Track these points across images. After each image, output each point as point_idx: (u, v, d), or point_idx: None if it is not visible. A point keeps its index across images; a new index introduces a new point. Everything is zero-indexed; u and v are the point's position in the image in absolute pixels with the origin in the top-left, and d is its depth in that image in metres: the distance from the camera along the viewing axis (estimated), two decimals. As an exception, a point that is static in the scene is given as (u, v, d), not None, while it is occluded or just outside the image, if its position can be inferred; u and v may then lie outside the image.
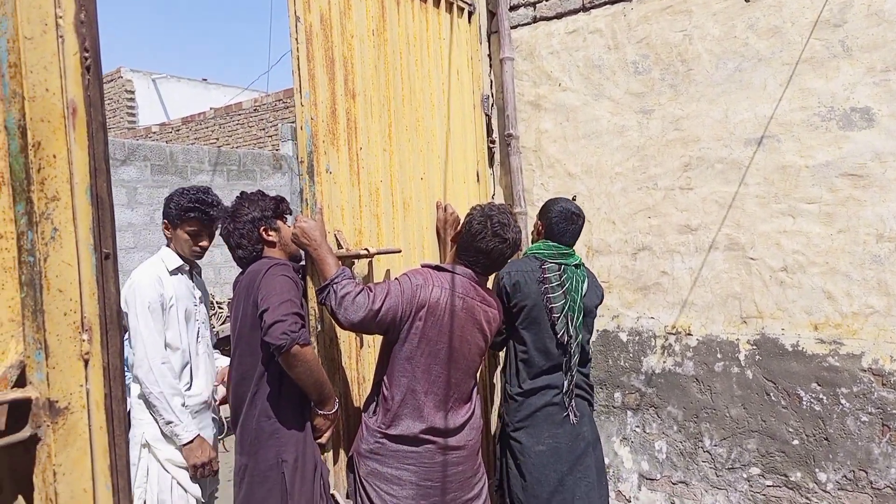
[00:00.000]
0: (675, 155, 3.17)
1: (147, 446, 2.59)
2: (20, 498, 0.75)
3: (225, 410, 2.76)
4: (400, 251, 2.74)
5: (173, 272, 2.75)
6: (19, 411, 0.67)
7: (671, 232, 3.20)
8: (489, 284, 2.64)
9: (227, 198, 2.72)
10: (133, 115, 15.98)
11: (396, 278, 2.32)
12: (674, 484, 3.20)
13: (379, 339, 2.64)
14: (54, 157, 0.64)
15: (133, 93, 16.02)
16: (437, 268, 2.39)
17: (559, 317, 2.65)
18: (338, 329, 2.49)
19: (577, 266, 2.77)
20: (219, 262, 9.35)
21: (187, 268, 2.84)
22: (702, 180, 3.09)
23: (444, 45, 3.28)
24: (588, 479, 2.70)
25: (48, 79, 0.65)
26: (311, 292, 2.40)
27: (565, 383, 2.70)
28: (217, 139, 13.16)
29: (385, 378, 2.28)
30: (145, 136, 14.41)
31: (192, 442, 2.57)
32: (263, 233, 2.51)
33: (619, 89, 3.33)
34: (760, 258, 2.95)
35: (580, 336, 2.71)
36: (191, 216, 2.72)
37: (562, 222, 2.76)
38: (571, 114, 3.48)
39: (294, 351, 2.10)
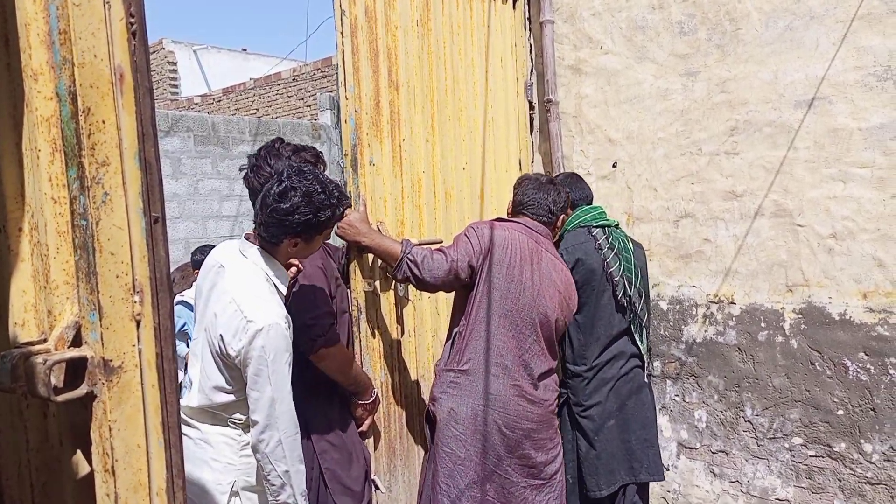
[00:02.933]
0: (720, 119, 3.08)
1: (237, 495, 2.01)
2: (79, 452, 0.79)
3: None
4: (441, 241, 2.73)
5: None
6: (76, 369, 0.70)
7: (715, 198, 3.12)
8: None
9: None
10: (175, 86, 16.20)
11: (461, 233, 2.37)
12: (713, 453, 3.18)
13: (421, 327, 2.67)
14: (103, 122, 0.66)
15: (175, 64, 16.21)
16: (500, 219, 2.44)
17: (619, 280, 2.63)
18: (381, 321, 2.52)
19: (616, 227, 2.76)
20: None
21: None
22: (748, 145, 3.01)
23: (487, 33, 3.23)
24: (654, 447, 2.71)
25: (96, 45, 0.66)
26: (357, 283, 2.42)
27: (641, 347, 2.69)
28: (257, 109, 13.27)
29: (462, 320, 2.30)
30: (187, 108, 14.62)
31: None
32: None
33: (662, 51, 3.24)
34: (808, 225, 2.87)
35: (644, 296, 2.70)
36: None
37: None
38: (613, 78, 3.40)
39: (322, 356, 2.09)
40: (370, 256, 2.47)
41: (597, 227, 2.70)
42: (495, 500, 2.22)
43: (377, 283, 2.50)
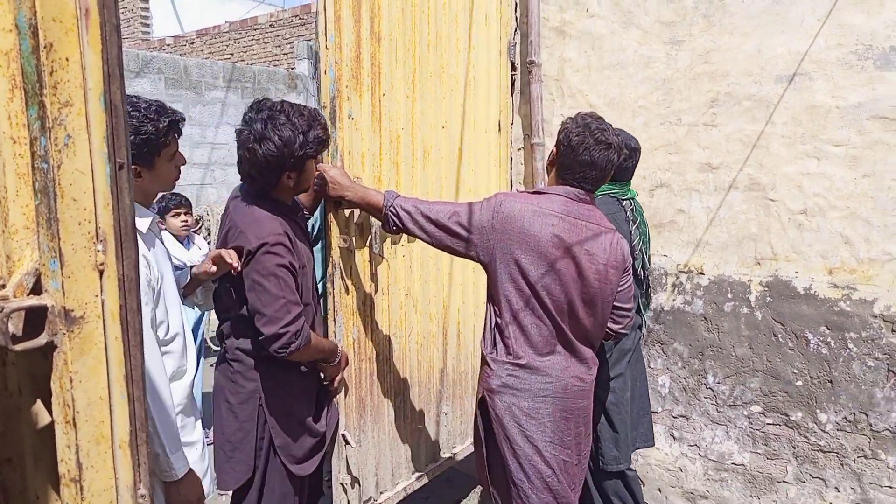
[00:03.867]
0: (702, 90, 3.07)
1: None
2: (39, 402, 0.77)
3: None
4: None
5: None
6: (36, 318, 0.67)
7: (691, 170, 3.14)
8: None
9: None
10: (147, 25, 15.64)
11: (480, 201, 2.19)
12: (674, 417, 3.26)
13: (395, 286, 2.65)
14: (67, 60, 0.62)
15: (147, 2, 15.62)
16: (535, 192, 2.17)
17: (638, 254, 2.60)
18: (355, 278, 2.49)
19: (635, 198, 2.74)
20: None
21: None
22: (727, 117, 3.01)
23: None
24: (648, 415, 2.74)
25: (59, -24, 0.61)
26: (332, 239, 2.38)
27: (646, 318, 2.68)
28: (232, 54, 12.90)
29: (503, 313, 2.12)
30: (159, 49, 14.16)
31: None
32: (286, 178, 2.11)
33: (648, 17, 3.20)
34: (780, 200, 2.90)
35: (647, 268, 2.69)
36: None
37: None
38: (597, 42, 3.36)
39: (294, 356, 2.06)
40: (346, 212, 2.44)
41: (626, 199, 2.65)
42: (566, 485, 2.17)
43: (353, 240, 2.47)
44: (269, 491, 2.19)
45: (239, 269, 2.03)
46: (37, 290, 0.70)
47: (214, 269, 2.09)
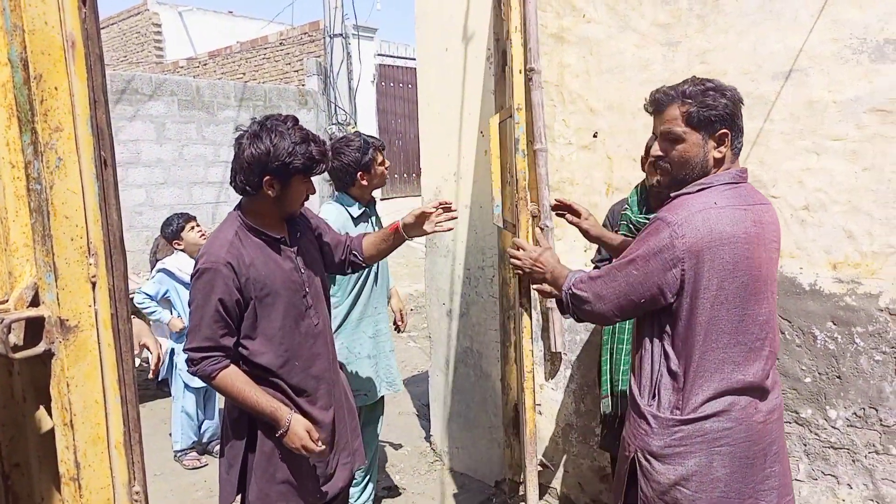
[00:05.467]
0: (699, 90, 3.09)
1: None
2: (42, 409, 0.82)
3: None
4: None
5: None
6: (36, 328, 0.72)
7: (693, 169, 3.15)
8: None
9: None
10: (160, 48, 15.94)
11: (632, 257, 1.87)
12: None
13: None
14: (56, 89, 0.68)
15: (160, 26, 15.92)
16: (679, 193, 1.91)
17: None
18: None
19: None
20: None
21: None
22: (726, 116, 3.02)
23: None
24: None
25: (46, 12, 0.67)
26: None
27: None
28: (244, 74, 13.10)
29: (666, 348, 1.85)
30: (173, 71, 14.40)
31: None
32: (267, 186, 2.12)
33: (644, 20, 3.23)
34: (782, 196, 2.91)
35: None
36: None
37: None
38: (595, 47, 3.40)
39: (213, 386, 2.14)
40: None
41: None
42: None
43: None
44: None
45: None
46: (36, 302, 0.75)
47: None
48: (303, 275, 2.27)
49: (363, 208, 3.25)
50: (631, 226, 2.58)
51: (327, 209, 3.21)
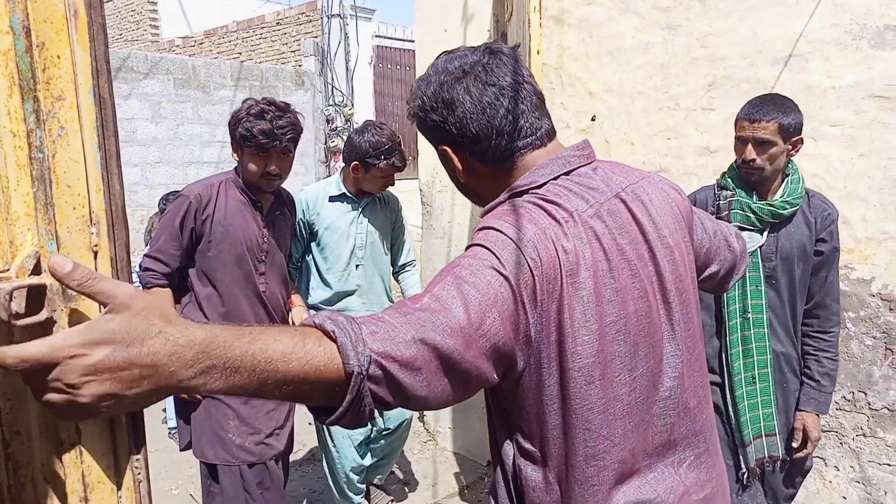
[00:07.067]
0: (699, 73, 3.09)
1: None
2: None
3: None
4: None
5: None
6: (38, 296, 0.73)
7: (690, 154, 3.16)
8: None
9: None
10: (156, 27, 15.77)
11: (452, 272, 1.00)
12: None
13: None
14: (58, 57, 0.68)
15: (155, 3, 15.74)
16: (515, 194, 1.13)
17: None
18: None
19: None
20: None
21: None
22: (725, 100, 3.03)
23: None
24: None
25: (48, -21, 0.67)
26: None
27: None
28: (240, 53, 12.99)
29: (527, 444, 1.11)
30: (169, 49, 14.27)
31: None
32: (232, 148, 2.62)
33: (645, 3, 3.22)
34: (779, 182, 2.91)
35: None
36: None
37: None
38: (595, 30, 3.39)
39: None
40: None
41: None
42: None
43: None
44: None
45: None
46: (37, 271, 0.75)
47: None
48: (264, 241, 2.61)
49: (346, 194, 3.14)
50: (750, 213, 2.25)
51: (314, 185, 3.25)
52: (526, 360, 1.00)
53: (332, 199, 3.12)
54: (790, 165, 2.35)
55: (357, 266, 3.14)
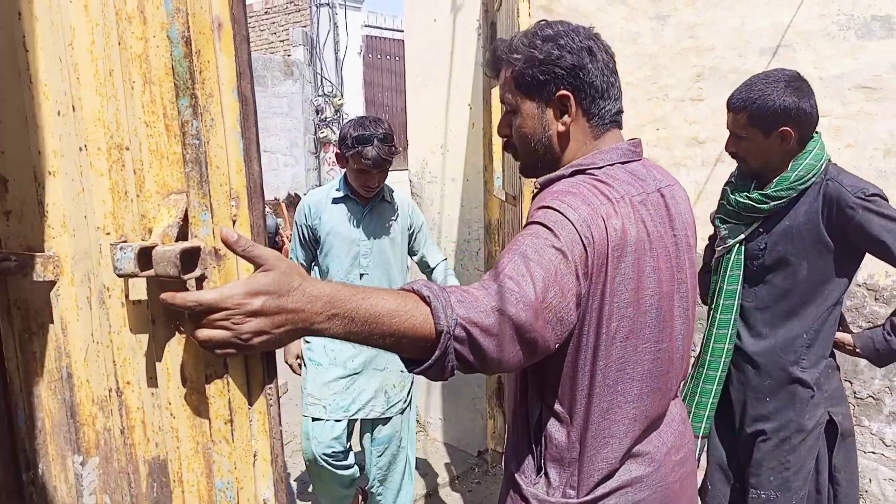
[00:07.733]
0: (688, 64, 3.20)
1: None
2: (159, 329, 1.00)
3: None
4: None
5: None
6: (190, 257, 0.88)
7: (679, 144, 3.26)
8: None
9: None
10: (138, 16, 15.63)
11: (519, 251, 1.11)
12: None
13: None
14: (209, 62, 0.83)
15: (137, -7, 15.60)
16: (577, 171, 1.28)
17: None
18: None
19: None
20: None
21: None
22: (713, 91, 3.15)
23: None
24: None
25: (202, -1, 0.83)
26: None
27: None
28: (226, 43, 12.96)
29: (557, 405, 1.26)
30: (153, 39, 14.17)
31: None
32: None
33: (635, -7, 3.31)
34: (766, 170, 3.06)
35: None
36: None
37: None
38: (584, 19, 3.46)
39: None
40: None
41: None
42: None
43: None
44: None
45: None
46: (180, 238, 0.91)
47: None
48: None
49: (349, 195, 2.91)
50: (729, 206, 2.18)
51: (318, 189, 3.10)
52: (574, 325, 1.15)
53: (335, 201, 2.90)
54: (809, 151, 2.03)
55: (361, 275, 2.89)
